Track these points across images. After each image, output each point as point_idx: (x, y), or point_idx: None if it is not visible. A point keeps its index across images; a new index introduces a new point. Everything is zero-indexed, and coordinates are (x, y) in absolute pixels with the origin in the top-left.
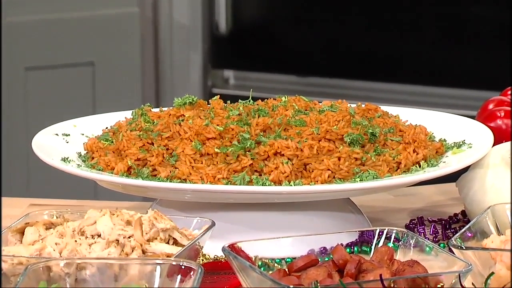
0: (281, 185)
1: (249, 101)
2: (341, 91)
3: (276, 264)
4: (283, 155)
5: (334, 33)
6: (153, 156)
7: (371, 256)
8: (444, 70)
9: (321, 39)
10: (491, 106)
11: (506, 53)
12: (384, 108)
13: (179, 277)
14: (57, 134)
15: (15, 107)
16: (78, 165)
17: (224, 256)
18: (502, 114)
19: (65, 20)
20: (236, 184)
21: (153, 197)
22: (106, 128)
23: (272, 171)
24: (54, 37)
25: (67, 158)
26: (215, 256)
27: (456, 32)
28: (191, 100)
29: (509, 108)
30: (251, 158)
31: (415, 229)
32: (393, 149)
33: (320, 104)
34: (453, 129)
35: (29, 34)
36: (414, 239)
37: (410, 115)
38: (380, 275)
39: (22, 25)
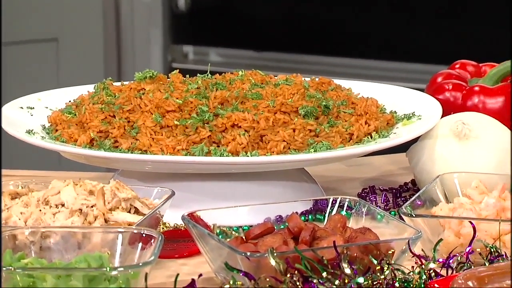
0: (238, 156)
1: (208, 75)
2: (296, 65)
3: (233, 232)
4: (240, 127)
5: (289, 9)
6: (114, 128)
7: (325, 223)
8: (394, 44)
9: (277, 15)
10: (439, 79)
11: (454, 28)
12: (337, 81)
13: (140, 244)
14: (22, 107)
15: None
16: (42, 137)
17: (183, 224)
18: (450, 87)
19: None
20: (195, 155)
21: (115, 168)
22: (69, 101)
23: (229, 142)
24: (20, 14)
25: (31, 131)
26: (175, 225)
27: (406, 7)
28: (151, 74)
29: (456, 81)
30: (210, 130)
31: (367, 198)
32: (345, 121)
33: (276, 78)
34: (403, 102)
35: None
36: (366, 207)
37: (362, 88)
38: (334, 242)
39: None
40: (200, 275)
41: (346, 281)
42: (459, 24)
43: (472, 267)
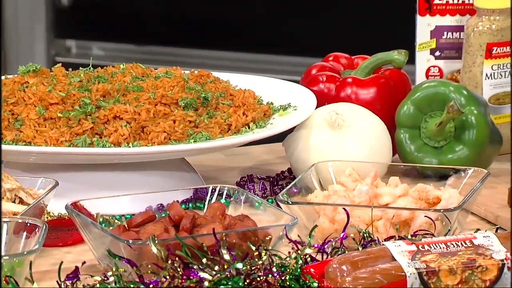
0: (120, 146)
1: (90, 68)
2: (176, 58)
3: (116, 221)
4: (122, 118)
5: (168, 3)
6: None
7: (204, 211)
8: (270, 38)
9: (157, 10)
10: (314, 71)
11: (327, 21)
12: (216, 74)
13: (24, 233)
14: None
15: None
16: None
17: (67, 213)
18: (324, 78)
19: None
20: (78, 146)
21: None
22: None
23: (111, 133)
24: None
25: None
26: (59, 214)
27: (281, 1)
28: (34, 68)
29: (330, 73)
30: (92, 122)
31: (245, 186)
32: (224, 112)
33: (156, 71)
34: (279, 93)
35: None
36: (244, 195)
37: (239, 81)
38: (213, 229)
39: None
40: (84, 262)
41: (226, 266)
42: (332, 18)
43: (346, 252)
